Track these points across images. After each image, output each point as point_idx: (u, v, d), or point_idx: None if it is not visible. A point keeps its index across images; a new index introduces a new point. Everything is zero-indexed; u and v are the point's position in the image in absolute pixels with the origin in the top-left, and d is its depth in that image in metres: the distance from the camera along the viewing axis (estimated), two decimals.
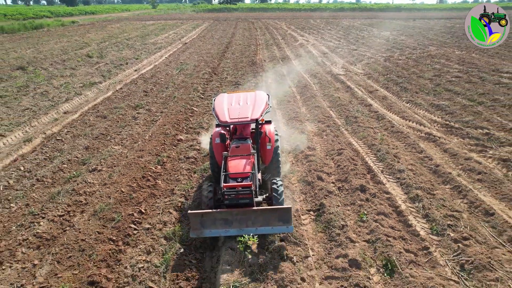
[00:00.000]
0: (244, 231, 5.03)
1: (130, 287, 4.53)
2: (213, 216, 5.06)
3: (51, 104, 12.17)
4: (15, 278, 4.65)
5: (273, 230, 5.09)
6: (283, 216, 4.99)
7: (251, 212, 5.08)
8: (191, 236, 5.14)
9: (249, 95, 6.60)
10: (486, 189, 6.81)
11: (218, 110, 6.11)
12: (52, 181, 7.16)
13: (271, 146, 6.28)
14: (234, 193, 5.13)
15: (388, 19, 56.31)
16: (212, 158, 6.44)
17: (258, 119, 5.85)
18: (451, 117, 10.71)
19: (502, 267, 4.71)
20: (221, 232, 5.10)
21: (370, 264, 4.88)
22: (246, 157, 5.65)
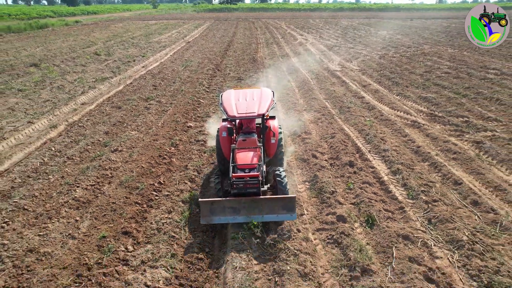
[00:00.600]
0: (251, 218, 5.45)
1: (157, 236, 5.54)
2: (222, 204, 5.42)
3: (68, 96, 13.20)
4: (63, 229, 5.67)
5: (278, 218, 5.49)
6: (287, 205, 5.40)
7: (258, 200, 5.43)
8: (201, 222, 5.55)
9: (255, 91, 6.92)
10: (458, 165, 7.84)
11: (226, 105, 6.40)
12: (80, 159, 8.19)
13: (275, 140, 6.57)
14: (242, 183, 5.44)
15: (386, 19, 57.35)
16: (218, 151, 6.68)
17: (265, 114, 6.17)
18: (436, 108, 11.74)
19: (461, 221, 5.73)
20: (229, 219, 5.47)
21: (354, 220, 5.90)
22: (253, 150, 5.97)
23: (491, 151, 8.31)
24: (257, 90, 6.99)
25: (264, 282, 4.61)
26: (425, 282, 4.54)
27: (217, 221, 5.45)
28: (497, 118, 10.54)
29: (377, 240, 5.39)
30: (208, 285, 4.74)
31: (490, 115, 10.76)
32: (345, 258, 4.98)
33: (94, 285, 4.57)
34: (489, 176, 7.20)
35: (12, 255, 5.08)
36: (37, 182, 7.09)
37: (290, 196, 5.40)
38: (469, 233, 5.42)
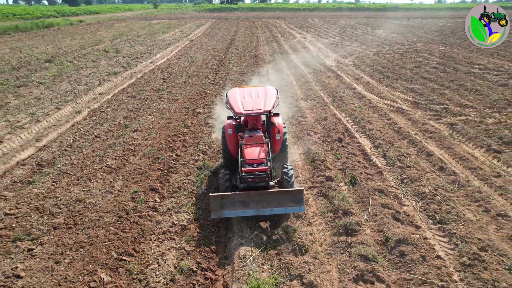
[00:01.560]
0: (260, 212, 5.50)
1: (178, 192, 6.80)
2: (232, 198, 5.47)
3: (86, 88, 14.46)
4: (101, 187, 6.94)
5: (287, 210, 5.54)
6: (295, 197, 5.45)
7: (267, 194, 5.50)
8: (212, 217, 5.64)
9: (259, 89, 7.03)
10: (433, 142, 9.11)
11: (232, 102, 6.54)
12: (106, 137, 9.46)
13: (280, 136, 6.75)
14: (251, 177, 5.55)
15: (384, 19, 58.61)
16: (225, 148, 6.79)
17: (271, 111, 6.36)
18: (420, 97, 13.01)
19: (427, 181, 7.00)
20: (239, 213, 5.51)
21: (340, 180, 7.17)
22: (260, 145, 6.08)
23: (462, 131, 9.59)
24: (261, 88, 7.12)
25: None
26: (393, 220, 5.80)
27: (227, 214, 5.52)
28: (473, 105, 11.81)
29: (358, 194, 6.67)
30: (222, 225, 6.02)
31: (467, 103, 12.03)
32: (331, 205, 6.26)
33: (132, 223, 5.83)
34: (457, 150, 8.48)
35: (65, 204, 6.35)
36: (73, 154, 8.37)
37: (298, 189, 5.48)
38: (432, 188, 6.69)
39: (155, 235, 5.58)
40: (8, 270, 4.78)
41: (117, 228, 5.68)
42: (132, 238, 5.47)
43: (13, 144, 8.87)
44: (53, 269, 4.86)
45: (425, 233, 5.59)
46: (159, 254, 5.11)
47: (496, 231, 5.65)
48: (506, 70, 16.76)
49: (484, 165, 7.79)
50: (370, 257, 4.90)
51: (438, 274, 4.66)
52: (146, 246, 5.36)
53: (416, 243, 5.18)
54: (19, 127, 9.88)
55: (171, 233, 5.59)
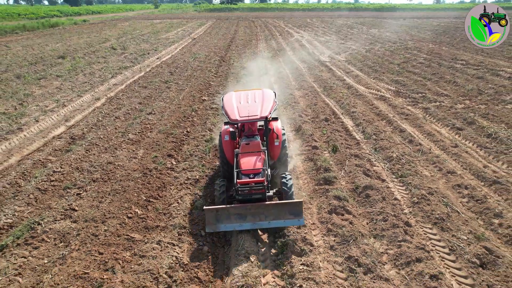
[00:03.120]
0: (257, 225, 5.28)
1: (190, 158, 8.25)
2: (227, 211, 5.24)
3: (101, 80, 15.93)
4: (126, 154, 8.41)
5: (285, 223, 5.28)
6: (294, 209, 5.20)
7: (264, 206, 5.25)
8: (206, 231, 5.37)
9: (256, 93, 6.81)
10: (407, 122, 10.58)
11: (227, 108, 6.27)
12: (125, 118, 10.92)
13: (279, 142, 6.45)
14: (247, 189, 5.28)
15: (380, 18, 60.09)
16: (221, 155, 6.55)
17: (268, 117, 6.05)
18: (402, 87, 14.48)
19: (396, 149, 8.47)
20: (235, 226, 5.27)
21: (324, 149, 8.64)
22: (256, 154, 5.83)
23: (433, 114, 11.06)
24: (258, 91, 6.89)
25: None
26: (364, 175, 7.26)
27: (222, 228, 5.30)
28: (448, 94, 13.28)
29: (337, 158, 8.14)
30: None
31: (443, 92, 13.51)
32: (315, 165, 7.72)
33: (155, 178, 7.30)
34: (426, 128, 9.96)
35: (99, 165, 7.82)
36: (99, 131, 9.84)
37: (297, 201, 5.25)
38: (399, 154, 8.16)
39: (174, 186, 7.04)
40: (65, 205, 6.25)
41: (143, 181, 7.15)
42: (156, 187, 6.94)
43: (47, 123, 10.35)
44: (98, 206, 6.32)
45: (388, 184, 7.06)
46: (178, 197, 6.58)
47: (444, 183, 7.13)
48: (485, 65, 18.21)
49: (446, 139, 9.26)
50: (342, 197, 6.38)
51: (393, 208, 6.13)
52: (167, 192, 6.83)
53: (379, 189, 6.66)
54: (49, 111, 11.36)
55: (186, 184, 7.06)
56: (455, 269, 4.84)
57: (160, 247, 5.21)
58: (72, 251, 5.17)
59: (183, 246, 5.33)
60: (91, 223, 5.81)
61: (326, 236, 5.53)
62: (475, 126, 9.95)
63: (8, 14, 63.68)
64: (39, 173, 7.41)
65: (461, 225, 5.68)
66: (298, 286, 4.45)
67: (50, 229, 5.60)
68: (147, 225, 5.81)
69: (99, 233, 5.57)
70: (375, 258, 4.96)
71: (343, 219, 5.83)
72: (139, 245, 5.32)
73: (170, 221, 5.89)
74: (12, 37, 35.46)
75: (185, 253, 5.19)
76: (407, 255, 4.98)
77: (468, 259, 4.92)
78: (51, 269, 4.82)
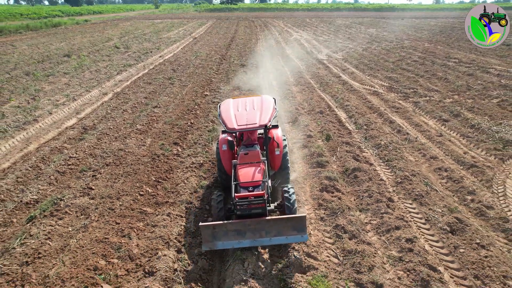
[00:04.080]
0: (258, 242, 4.94)
1: (194, 146, 8.93)
2: (225, 227, 4.91)
3: (107, 76, 16.62)
4: (135, 142, 9.09)
5: (288, 240, 4.93)
6: (297, 225, 4.86)
7: (265, 222, 4.93)
8: (203, 249, 5.04)
9: (255, 99, 6.48)
10: (397, 115, 11.27)
11: (225, 116, 5.97)
12: (132, 111, 11.61)
13: (280, 151, 6.15)
14: (246, 203, 4.98)
15: (379, 18, 60.80)
16: (219, 165, 6.34)
17: (267, 125, 5.74)
18: (395, 83, 15.17)
19: (385, 137, 9.16)
20: (234, 244, 4.96)
21: (318, 137, 9.34)
22: (256, 165, 5.52)
23: (422, 107, 11.75)
24: (257, 98, 6.57)
25: None
26: (353, 159, 7.95)
27: (220, 246, 4.97)
28: (438, 89, 13.97)
29: (330, 145, 8.84)
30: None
31: (434, 88, 14.20)
32: (309, 152, 8.41)
33: (163, 162, 7.98)
34: (415, 120, 10.65)
35: (110, 151, 8.50)
36: (109, 122, 10.53)
37: (300, 216, 4.87)
38: (387, 142, 8.85)
39: (180, 169, 7.73)
40: (83, 185, 6.94)
41: (152, 165, 7.84)
42: (164, 170, 7.63)
43: (59, 116, 11.05)
44: (112, 186, 7.01)
45: (375, 167, 7.76)
46: (185, 178, 7.27)
47: (426, 167, 7.82)
48: (477, 63, 18.89)
49: (432, 129, 9.96)
50: (333, 178, 7.07)
51: (378, 187, 6.82)
52: (175, 174, 7.52)
53: (367, 171, 7.35)
54: (60, 104, 12.06)
55: (191, 167, 7.75)
56: (428, 235, 5.53)
57: (170, 219, 5.90)
58: (92, 221, 5.85)
59: (190, 218, 6.02)
60: (107, 199, 6.50)
61: (317, 210, 6.22)
62: (460, 118, 10.63)
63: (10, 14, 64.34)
64: (56, 158, 8.10)
65: (438, 200, 6.36)
66: (291, 248, 5.13)
67: (71, 204, 6.29)
68: (157, 201, 6.51)
69: (115, 207, 6.26)
70: (359, 227, 5.65)
71: (332, 196, 6.52)
72: (151, 217, 6.01)
73: (178, 198, 6.58)
74: (16, 36, 36.09)
75: (191, 223, 5.88)
76: (387, 224, 5.67)
77: (441, 227, 5.61)
78: (75, 235, 5.51)
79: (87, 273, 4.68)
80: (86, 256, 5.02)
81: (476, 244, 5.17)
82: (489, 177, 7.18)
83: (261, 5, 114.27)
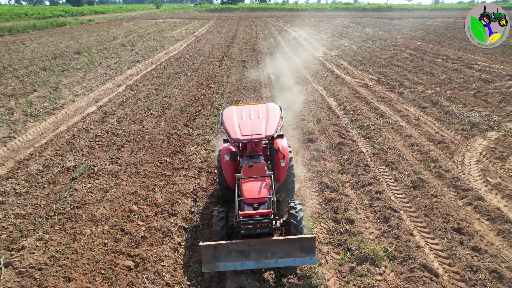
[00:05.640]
0: (263, 264, 4.59)
1: (203, 127, 10.27)
2: (227, 247, 4.58)
3: (118, 71, 17.97)
4: (151, 125, 10.43)
5: (295, 262, 4.59)
6: (306, 246, 4.53)
7: (271, 242, 4.60)
8: (203, 271, 4.68)
9: (260, 107, 6.20)
10: (382, 103, 12.62)
11: (228, 125, 5.66)
12: (145, 100, 12.96)
13: (285, 163, 5.79)
14: (251, 222, 4.66)
15: (376, 18, 62.15)
16: (220, 177, 5.92)
17: (274, 136, 5.43)
18: (384, 77, 16.52)
19: (368, 120, 10.49)
20: (237, 266, 4.59)
21: (310, 120, 10.68)
22: (261, 179, 5.14)
23: (406, 97, 13.11)
24: (262, 106, 6.28)
25: None
26: (339, 137, 9.29)
27: (222, 268, 4.61)
28: (423, 82, 15.32)
29: (320, 127, 10.19)
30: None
31: (419, 81, 15.56)
32: (301, 131, 9.75)
33: (176, 139, 9.32)
34: (397, 107, 12.00)
35: (130, 131, 9.85)
36: (125, 108, 11.89)
37: (309, 236, 4.54)
38: (370, 124, 10.20)
39: (191, 145, 9.09)
40: (111, 156, 8.30)
41: (168, 141, 9.19)
42: (178, 145, 8.98)
43: (81, 103, 12.42)
44: (135, 156, 8.35)
45: (357, 143, 9.12)
46: (195, 151, 8.63)
47: (401, 143, 9.18)
48: (463, 60, 20.25)
49: (411, 114, 11.31)
50: (320, 150, 8.42)
51: (358, 157, 8.16)
52: (187, 149, 8.87)
53: (350, 145, 8.70)
54: (80, 94, 13.42)
55: (201, 143, 9.11)
56: (394, 189, 6.89)
57: (186, 179, 7.25)
58: (122, 181, 7.20)
59: (202, 178, 7.38)
60: (132, 166, 7.84)
61: (306, 173, 7.57)
62: (438, 106, 11.99)
63: (15, 14, 65.75)
64: (85, 136, 9.46)
65: (407, 166, 7.71)
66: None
67: (103, 169, 7.64)
68: (175, 167, 7.86)
69: (140, 171, 7.61)
70: (339, 184, 7.01)
71: (319, 163, 7.87)
72: (170, 178, 7.36)
73: (191, 165, 7.93)
74: (25, 35, 37.40)
75: (203, 182, 7.24)
76: (362, 182, 7.03)
77: (405, 184, 6.97)
78: (110, 190, 6.86)
79: (124, 213, 6.03)
80: (121, 203, 6.36)
81: (431, 195, 6.51)
82: (452, 150, 8.54)
83: (261, 5, 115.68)
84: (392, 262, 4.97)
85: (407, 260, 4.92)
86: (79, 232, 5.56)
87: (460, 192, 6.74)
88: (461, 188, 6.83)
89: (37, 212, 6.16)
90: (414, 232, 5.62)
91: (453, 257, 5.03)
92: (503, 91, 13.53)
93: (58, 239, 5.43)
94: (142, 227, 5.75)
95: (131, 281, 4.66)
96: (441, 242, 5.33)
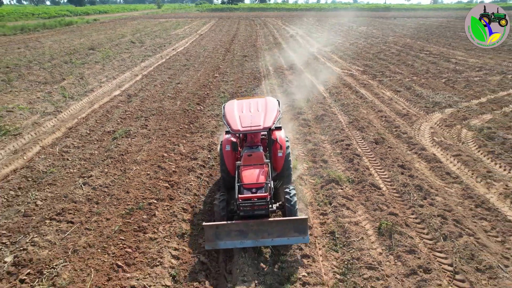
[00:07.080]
0: (260, 243, 5.06)
1: (212, 106, 12.42)
2: (228, 227, 5.05)
3: (133, 64, 20.14)
4: (169, 104, 12.58)
5: (289, 241, 5.06)
6: (299, 227, 5.00)
7: (267, 223, 5.07)
8: (206, 248, 5.19)
9: (259, 101, 6.63)
10: (364, 89, 14.79)
11: (229, 118, 6.13)
12: (161, 86, 15.13)
13: (283, 153, 6.24)
14: (249, 205, 5.13)
15: (372, 18, 64.29)
16: (223, 165, 6.40)
17: (271, 127, 5.88)
18: (369, 68, 18.68)
19: (349, 100, 12.65)
20: (236, 244, 5.07)
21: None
22: (259, 167, 5.62)
23: (386, 84, 15.27)
24: (261, 100, 6.76)
25: None
26: (323, 111, 11.45)
27: (223, 246, 5.12)
28: (402, 72, 17.48)
29: (309, 105, 12.36)
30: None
31: (399, 71, 17.72)
32: (292, 108, 11.89)
33: (191, 113, 11.47)
34: (375, 91, 14.17)
35: (152, 108, 12.01)
36: (146, 92, 14.06)
37: (302, 218, 5.05)
38: (350, 102, 12.37)
39: (204, 117, 11.26)
40: (140, 124, 10.47)
41: (184, 115, 11.36)
42: (193, 117, 11.16)
43: (107, 88, 14.60)
44: (160, 124, 10.52)
45: (337, 115, 11.28)
46: (207, 121, 10.80)
47: (373, 116, 11.35)
48: (443, 55, 22.40)
49: (386, 96, 13.48)
50: (307, 119, 10.59)
51: (336, 124, 10.33)
52: (201, 120, 11.04)
53: (331, 116, 10.88)
54: (104, 82, 15.60)
55: (212, 116, 11.29)
56: (361, 144, 9.06)
57: (202, 138, 9.43)
58: (153, 140, 9.36)
59: (214, 138, 9.55)
60: (159, 131, 10.01)
61: (294, 135, 9.73)
62: (410, 90, 14.15)
63: (23, 13, 67.97)
64: (116, 111, 11.63)
65: (373, 130, 9.88)
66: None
67: (137, 132, 9.81)
68: (192, 131, 10.04)
69: (165, 134, 9.77)
70: (319, 140, 9.18)
71: (305, 129, 10.03)
72: (190, 138, 9.54)
73: (205, 129, 10.13)
74: (37, 34, 39.46)
75: (216, 140, 9.42)
76: (337, 139, 9.20)
77: (370, 141, 9.14)
78: (145, 144, 9.02)
79: (158, 158, 8.20)
80: (155, 152, 8.54)
81: (387, 147, 8.68)
82: (413, 121, 10.71)
83: (261, 5, 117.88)
84: (351, 184, 7.14)
85: (361, 182, 7.09)
86: (128, 168, 7.73)
87: (410, 146, 8.91)
88: (412, 143, 9.00)
89: (93, 158, 8.33)
90: (370, 167, 7.79)
91: (394, 180, 7.20)
92: (469, 79, 15.69)
93: (113, 172, 7.60)
94: (173, 166, 7.93)
95: (169, 194, 6.83)
96: (388, 173, 7.50)
